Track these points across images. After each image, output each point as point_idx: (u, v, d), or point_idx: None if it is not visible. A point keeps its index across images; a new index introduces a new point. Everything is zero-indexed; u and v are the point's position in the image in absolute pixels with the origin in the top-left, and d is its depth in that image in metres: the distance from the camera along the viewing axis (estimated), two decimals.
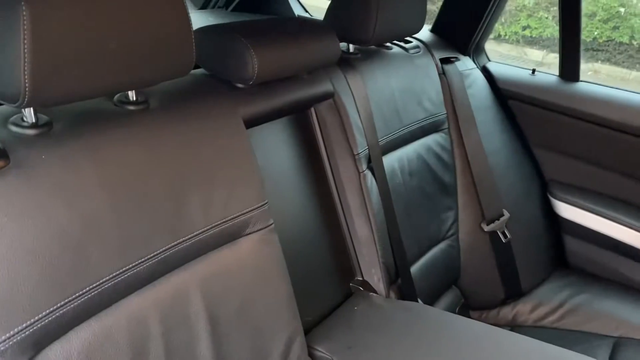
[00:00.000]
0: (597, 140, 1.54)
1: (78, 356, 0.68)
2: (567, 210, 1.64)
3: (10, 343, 0.61)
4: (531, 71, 1.65)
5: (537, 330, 1.51)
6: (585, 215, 1.60)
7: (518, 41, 3.96)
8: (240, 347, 0.88)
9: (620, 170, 1.54)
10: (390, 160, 1.34)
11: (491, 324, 1.15)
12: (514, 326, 1.55)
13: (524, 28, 3.91)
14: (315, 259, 1.18)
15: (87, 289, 0.68)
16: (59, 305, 0.65)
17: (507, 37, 3.94)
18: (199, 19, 1.95)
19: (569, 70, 1.57)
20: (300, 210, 1.17)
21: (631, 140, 1.47)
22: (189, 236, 0.82)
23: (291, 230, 1.14)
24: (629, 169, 1.52)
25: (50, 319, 0.64)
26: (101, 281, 0.70)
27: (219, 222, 0.86)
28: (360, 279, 1.25)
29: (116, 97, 0.81)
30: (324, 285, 1.20)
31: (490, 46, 1.77)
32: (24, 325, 0.62)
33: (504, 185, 1.58)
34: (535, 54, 3.83)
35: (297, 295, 1.01)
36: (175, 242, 0.80)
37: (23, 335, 0.62)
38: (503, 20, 3.93)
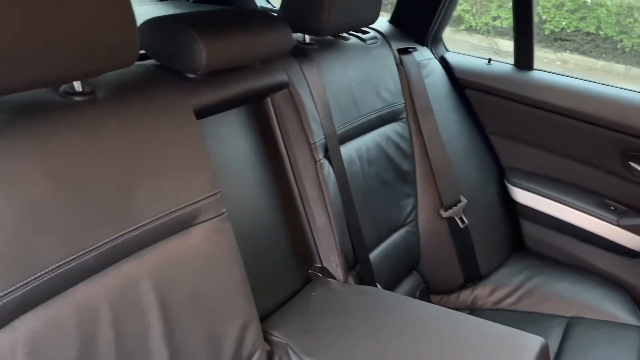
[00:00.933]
0: (551, 127, 1.59)
1: (24, 344, 0.68)
2: (523, 196, 1.68)
3: None
4: (487, 60, 1.69)
5: (495, 313, 1.55)
6: (540, 200, 1.65)
7: (489, 32, 4.03)
8: (194, 334, 0.90)
9: (574, 156, 1.59)
10: (349, 150, 1.37)
11: (451, 308, 1.18)
12: (474, 309, 1.59)
13: (495, 19, 3.98)
14: (273, 247, 1.20)
15: (32, 277, 0.69)
16: (2, 294, 0.66)
17: (478, 27, 4.00)
18: (160, 10, 1.95)
19: (523, 59, 1.62)
20: (257, 199, 1.18)
21: (582, 127, 1.52)
22: (138, 225, 0.82)
23: (248, 219, 1.15)
24: (582, 155, 1.57)
25: None
26: (47, 270, 0.71)
27: (169, 212, 0.87)
28: (319, 265, 1.28)
29: (62, 88, 0.81)
30: (283, 273, 1.22)
31: (461, 37, 1.80)
32: None
33: (462, 172, 1.62)
34: (506, 45, 3.88)
35: (255, 283, 1.03)
36: (124, 232, 0.80)
37: None
38: (474, 11, 3.99)
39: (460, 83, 1.70)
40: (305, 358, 1.00)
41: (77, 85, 0.81)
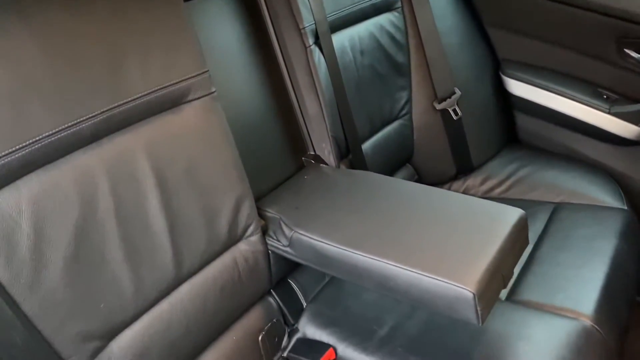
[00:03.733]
0: (549, 16, 1.56)
1: (28, 203, 0.74)
2: (518, 88, 1.69)
3: None
4: None
5: None
6: (535, 91, 1.66)
7: None
8: (190, 206, 0.95)
9: (569, 45, 1.57)
10: (341, 38, 1.37)
11: None
12: None
13: None
14: (266, 134, 1.24)
15: (30, 141, 0.73)
16: (3, 154, 0.70)
17: None
18: None
19: None
20: (248, 86, 1.20)
21: (579, 14, 1.49)
22: (129, 99, 0.86)
23: (240, 105, 1.18)
24: (577, 43, 1.56)
25: None
26: (44, 135, 0.75)
27: (159, 88, 0.90)
28: (312, 153, 1.32)
29: None
30: (276, 160, 1.26)
31: None
32: None
33: (457, 63, 1.61)
34: None
35: (249, 170, 1.07)
36: (116, 104, 0.84)
37: None
38: None
39: None
40: (296, 229, 1.06)
41: None
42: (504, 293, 1.20)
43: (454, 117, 1.59)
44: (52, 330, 0.75)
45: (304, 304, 1.20)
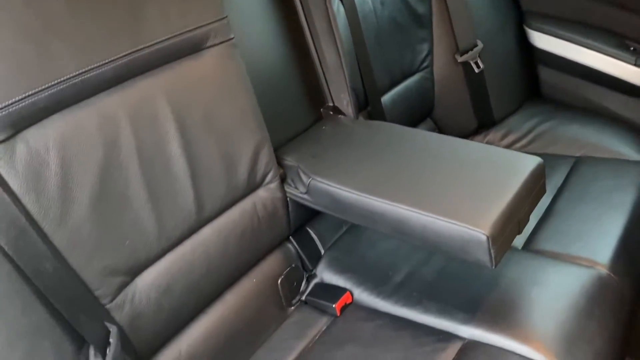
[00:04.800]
0: None
1: (54, 142, 0.77)
2: (541, 40, 1.66)
3: None
4: None
5: None
6: (559, 43, 1.62)
7: None
8: (209, 151, 0.98)
9: None
10: None
11: None
12: None
13: None
14: (284, 84, 1.24)
15: (55, 82, 0.76)
16: (28, 93, 0.73)
17: None
18: None
19: None
20: (267, 35, 1.20)
21: None
22: (150, 43, 0.87)
23: (259, 55, 1.18)
24: None
25: (22, 104, 0.72)
26: (68, 76, 0.77)
27: (178, 33, 0.91)
28: (331, 104, 1.32)
29: None
30: (295, 111, 1.27)
31: None
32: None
33: (479, 15, 1.59)
34: None
35: (268, 120, 1.08)
36: (136, 48, 0.86)
37: None
38: None
39: None
40: (314, 176, 1.08)
41: None
42: (520, 242, 1.21)
43: (476, 70, 1.57)
44: (80, 264, 0.78)
45: (322, 251, 1.23)
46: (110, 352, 0.72)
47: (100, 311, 0.81)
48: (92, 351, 0.70)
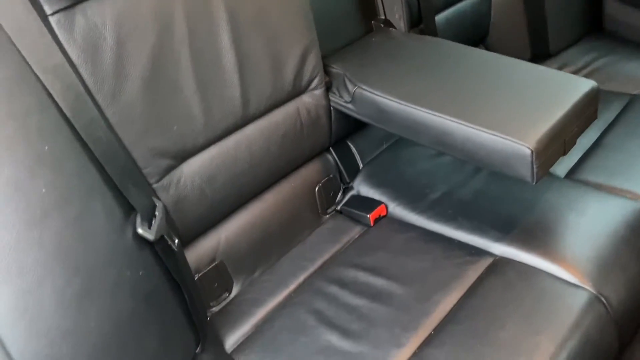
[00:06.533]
0: None
1: (111, 18, 0.78)
2: None
3: None
4: None
5: None
6: None
7: None
8: (258, 48, 0.98)
9: None
10: None
11: None
12: None
13: None
14: None
15: None
16: None
17: None
18: None
19: None
20: None
21: None
22: None
23: None
24: None
25: None
26: None
27: None
28: (383, 17, 1.29)
29: None
30: (346, 20, 1.24)
31: None
32: None
33: None
34: None
35: (318, 27, 1.07)
36: None
37: None
38: None
39: None
40: (360, 84, 1.07)
41: None
42: (562, 171, 1.19)
43: None
44: (131, 141, 0.81)
45: (360, 165, 1.24)
46: (155, 223, 0.75)
47: (148, 188, 0.84)
48: (139, 219, 0.74)
